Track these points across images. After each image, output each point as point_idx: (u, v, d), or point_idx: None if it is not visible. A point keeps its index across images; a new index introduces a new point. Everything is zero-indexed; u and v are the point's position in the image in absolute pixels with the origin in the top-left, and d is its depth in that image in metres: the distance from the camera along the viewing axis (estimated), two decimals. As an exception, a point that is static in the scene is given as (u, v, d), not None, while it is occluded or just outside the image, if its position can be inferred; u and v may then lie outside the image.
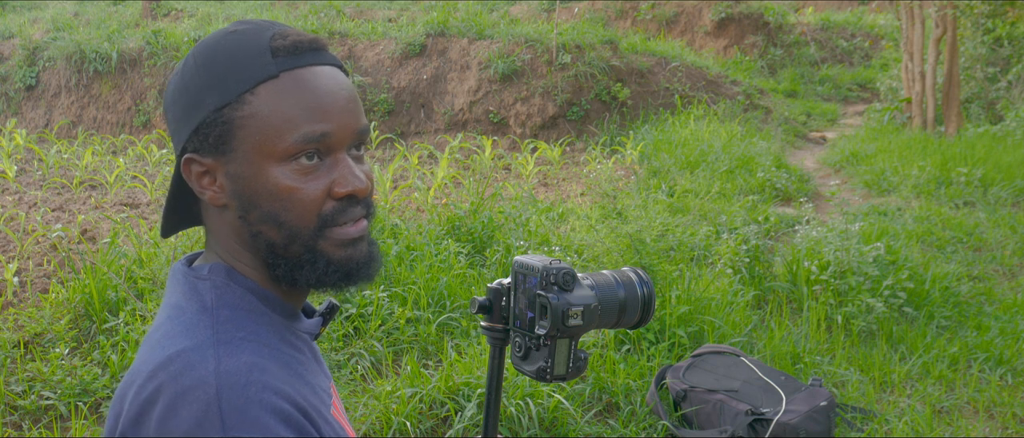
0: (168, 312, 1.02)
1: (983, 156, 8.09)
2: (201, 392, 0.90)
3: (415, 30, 11.23)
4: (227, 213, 1.04)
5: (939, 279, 4.99)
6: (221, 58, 1.00)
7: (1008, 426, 3.79)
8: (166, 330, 0.99)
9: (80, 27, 13.05)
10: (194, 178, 1.03)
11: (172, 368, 0.93)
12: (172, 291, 1.06)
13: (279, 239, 1.02)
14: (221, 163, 1.01)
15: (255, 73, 0.99)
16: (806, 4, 16.73)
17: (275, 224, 1.01)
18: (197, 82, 1.01)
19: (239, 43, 1.01)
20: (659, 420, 3.48)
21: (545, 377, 1.27)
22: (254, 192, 1.00)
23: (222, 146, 1.00)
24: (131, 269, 4.67)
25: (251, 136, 0.99)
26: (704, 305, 4.26)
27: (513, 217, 5.59)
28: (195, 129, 1.00)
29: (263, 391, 0.91)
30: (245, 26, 1.03)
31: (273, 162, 0.99)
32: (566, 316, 1.22)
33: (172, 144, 1.06)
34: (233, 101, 0.99)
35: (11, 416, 3.57)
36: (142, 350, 1.00)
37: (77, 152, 9.54)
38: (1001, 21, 10.74)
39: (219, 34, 1.03)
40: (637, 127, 9.86)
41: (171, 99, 1.04)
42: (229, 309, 1.00)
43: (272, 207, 1.00)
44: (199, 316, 0.99)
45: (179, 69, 1.04)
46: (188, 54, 1.04)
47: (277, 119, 0.98)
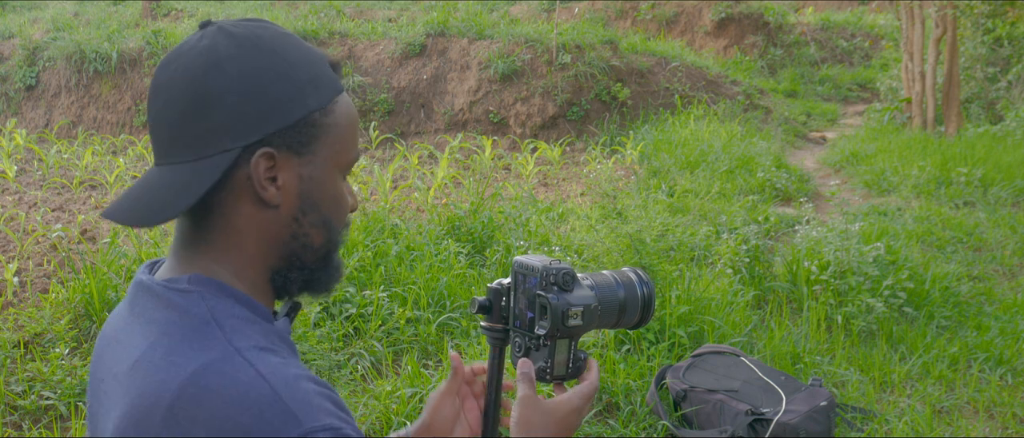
0: (158, 328, 0.96)
1: (983, 156, 8.09)
2: (257, 395, 0.89)
3: (415, 30, 11.23)
4: (271, 213, 1.00)
5: (939, 279, 4.99)
6: (309, 61, 1.00)
7: (1008, 426, 3.79)
8: (166, 349, 0.94)
9: (80, 27, 13.06)
10: (261, 172, 0.98)
11: (207, 382, 0.89)
12: (152, 306, 0.99)
13: (320, 243, 1.05)
14: (295, 163, 1.00)
15: (335, 84, 1.03)
16: (806, 4, 16.74)
17: (326, 228, 1.05)
18: (292, 80, 0.98)
19: (310, 50, 1.02)
20: (659, 420, 3.48)
21: (545, 377, 1.27)
22: (320, 197, 1.03)
23: (306, 147, 1.00)
24: (131, 269, 4.67)
25: (330, 143, 1.02)
26: (704, 305, 4.26)
27: (513, 217, 5.59)
28: (288, 126, 0.98)
29: (310, 382, 0.93)
30: (288, 32, 1.03)
31: (339, 171, 1.05)
32: (566, 316, 1.22)
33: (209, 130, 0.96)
34: (325, 107, 1.01)
35: (11, 416, 3.57)
36: (140, 377, 0.94)
37: (77, 152, 9.54)
38: (1001, 21, 10.74)
39: (279, 33, 1.01)
40: (637, 127, 9.87)
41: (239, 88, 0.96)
42: (230, 319, 0.98)
43: (330, 212, 1.05)
44: (204, 327, 0.95)
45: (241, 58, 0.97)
46: (236, 41, 0.97)
47: (345, 132, 1.04)
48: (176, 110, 0.97)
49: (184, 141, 0.97)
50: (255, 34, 0.99)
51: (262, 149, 0.97)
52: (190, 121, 0.96)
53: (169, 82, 0.98)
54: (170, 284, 0.99)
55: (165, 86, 0.98)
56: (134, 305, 1.02)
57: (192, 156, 0.96)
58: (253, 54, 0.97)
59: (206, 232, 1.01)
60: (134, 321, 1.01)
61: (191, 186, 0.96)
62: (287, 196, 1.00)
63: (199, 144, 0.96)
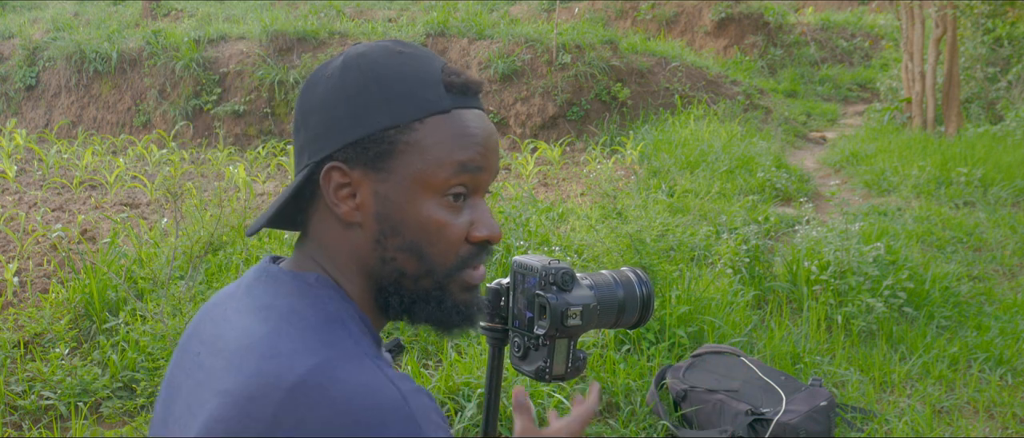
0: (280, 314, 0.97)
1: (983, 156, 8.09)
2: (385, 396, 0.89)
3: (415, 30, 11.23)
4: (356, 232, 1.01)
5: (939, 279, 4.99)
6: (396, 79, 1.00)
7: (1008, 426, 3.79)
8: (291, 336, 0.93)
9: (80, 27, 13.05)
10: (333, 189, 1.00)
11: (335, 373, 0.89)
12: (274, 292, 1.00)
13: (413, 270, 1.01)
14: (371, 180, 0.99)
15: (428, 104, 1.00)
16: (806, 4, 16.74)
17: (415, 255, 1.01)
18: (364, 97, 0.99)
19: (414, 69, 1.01)
20: (659, 420, 3.48)
21: (544, 377, 1.27)
22: (401, 219, 1.00)
23: (378, 164, 0.99)
24: (131, 269, 4.67)
25: (412, 162, 0.99)
26: (704, 305, 4.26)
27: (513, 217, 5.59)
28: (355, 141, 0.99)
29: (427, 397, 0.93)
30: (414, 51, 1.04)
31: (427, 193, 1.00)
32: (565, 316, 1.22)
33: (302, 148, 1.02)
34: (403, 125, 0.99)
35: (11, 416, 3.57)
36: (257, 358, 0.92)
37: (77, 152, 9.54)
38: (1001, 21, 10.74)
39: (387, 51, 1.02)
40: (637, 127, 9.86)
41: (321, 102, 1.01)
42: (354, 322, 0.98)
43: (417, 237, 1.00)
44: (331, 325, 0.96)
45: (334, 75, 1.01)
46: (344, 60, 1.02)
47: (440, 151, 0.99)
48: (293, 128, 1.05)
49: (295, 155, 1.04)
50: (361, 53, 1.02)
51: (329, 163, 0.99)
52: (294, 137, 1.03)
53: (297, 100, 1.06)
54: (298, 276, 1.01)
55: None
56: (253, 289, 1.03)
57: (296, 170, 1.03)
58: (348, 71, 1.00)
59: (309, 246, 1.04)
60: (250, 303, 1.01)
61: (280, 197, 1.02)
62: (366, 215, 1.00)
63: (297, 158, 1.03)
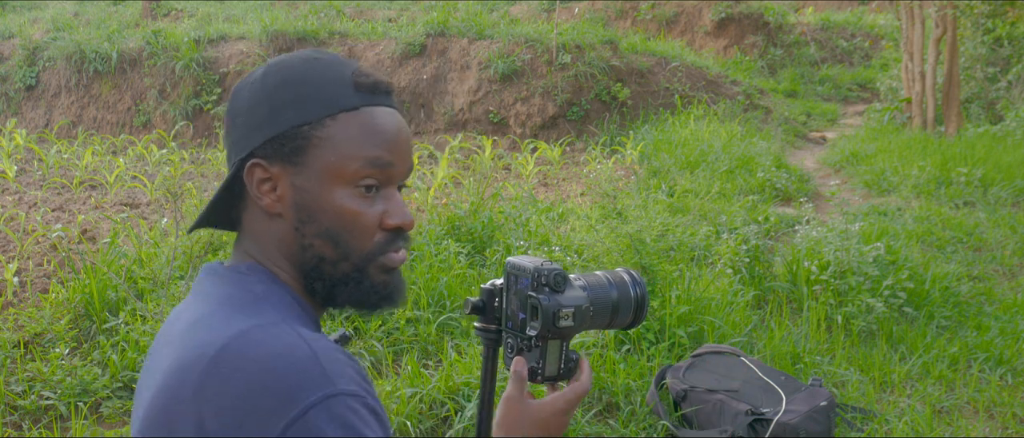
0: (217, 300, 1.07)
1: (983, 156, 8.09)
2: (299, 354, 0.97)
3: (415, 30, 11.23)
4: (278, 222, 1.10)
5: (939, 279, 4.99)
6: (308, 81, 1.09)
7: (1008, 426, 3.79)
8: (222, 315, 1.03)
9: (80, 27, 13.05)
10: (255, 183, 1.09)
11: (252, 337, 0.98)
12: (213, 284, 1.10)
13: (331, 255, 1.10)
14: (288, 173, 1.08)
15: (338, 101, 1.09)
16: (806, 4, 16.73)
17: (331, 241, 1.09)
18: (280, 97, 1.09)
19: (325, 71, 1.10)
20: (659, 420, 3.48)
21: (536, 378, 1.26)
22: (317, 207, 1.08)
23: (294, 158, 1.08)
24: (131, 269, 4.67)
25: (324, 156, 1.08)
26: (704, 305, 4.26)
27: (513, 217, 5.59)
28: (271, 138, 1.08)
29: (343, 356, 1.01)
30: (327, 57, 1.13)
31: (339, 184, 1.08)
32: (557, 317, 1.22)
33: (230, 149, 1.12)
34: (313, 121, 1.08)
35: (11, 416, 3.57)
36: (191, 335, 1.03)
37: (77, 152, 9.54)
38: (1001, 21, 10.74)
39: (302, 57, 1.12)
40: (637, 127, 9.86)
41: (244, 106, 1.10)
42: (281, 300, 1.08)
43: (332, 225, 1.09)
44: (258, 302, 1.05)
45: (256, 80, 1.11)
46: (266, 68, 1.12)
47: (351, 146, 1.08)
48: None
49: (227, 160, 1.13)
50: (285, 59, 1.12)
51: (252, 160, 1.08)
52: (224, 143, 1.13)
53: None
54: (234, 269, 1.11)
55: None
56: (197, 288, 1.13)
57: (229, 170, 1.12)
58: (268, 76, 1.11)
59: (243, 240, 1.14)
60: (194, 299, 1.11)
61: (211, 199, 1.12)
62: (285, 206, 1.09)
63: (227, 159, 1.12)
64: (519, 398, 1.23)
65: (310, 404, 0.93)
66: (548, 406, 1.23)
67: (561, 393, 1.25)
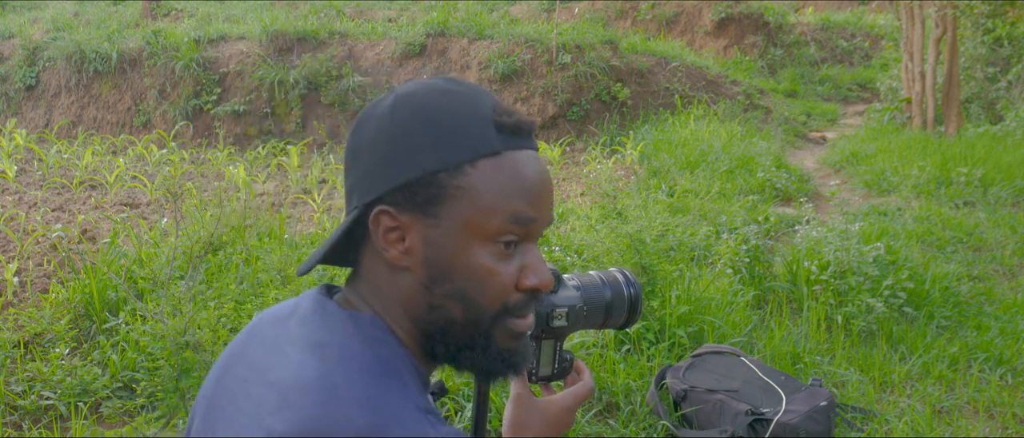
0: (339, 353, 0.94)
1: (983, 156, 8.08)
2: None
3: (415, 30, 11.23)
4: (404, 276, 0.99)
5: (939, 279, 4.99)
6: (445, 120, 0.96)
7: (1008, 426, 3.79)
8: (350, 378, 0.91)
9: (80, 27, 13.05)
10: (382, 232, 0.97)
11: (394, 433, 0.87)
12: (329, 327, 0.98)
13: (461, 317, 0.99)
14: (420, 224, 0.97)
15: (479, 146, 0.96)
16: (806, 4, 16.73)
17: (462, 302, 0.98)
18: (415, 138, 0.96)
19: (462, 108, 0.97)
20: (659, 420, 3.48)
21: (530, 378, 1.26)
22: (451, 265, 0.97)
23: (428, 208, 0.96)
24: (131, 269, 4.66)
25: (463, 209, 0.96)
26: (704, 305, 4.26)
27: (513, 217, 5.58)
28: (403, 185, 0.96)
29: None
30: (462, 89, 1.00)
31: (478, 240, 0.97)
32: (550, 317, 1.22)
33: (352, 188, 1.00)
34: (452, 168, 0.95)
35: (11, 416, 3.57)
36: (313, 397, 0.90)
37: (77, 152, 9.54)
38: (1001, 21, 10.74)
39: (437, 89, 0.99)
40: (637, 127, 9.86)
41: (370, 143, 0.98)
42: (408, 370, 0.97)
43: (466, 284, 0.97)
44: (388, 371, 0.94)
45: (384, 112, 0.98)
46: (394, 98, 0.99)
47: (492, 197, 0.96)
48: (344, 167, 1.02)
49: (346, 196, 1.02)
50: (411, 92, 0.99)
51: (378, 207, 0.97)
52: (344, 177, 1.01)
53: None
54: (354, 316, 0.99)
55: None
56: (307, 322, 0.99)
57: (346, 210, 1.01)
58: (396, 113, 0.97)
59: (359, 286, 1.02)
60: (304, 336, 0.98)
61: (330, 238, 1.00)
62: (414, 259, 0.98)
63: (346, 200, 1.01)
64: (528, 396, 1.22)
65: None
66: (556, 404, 1.23)
67: (569, 391, 1.25)
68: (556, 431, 1.22)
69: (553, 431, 1.22)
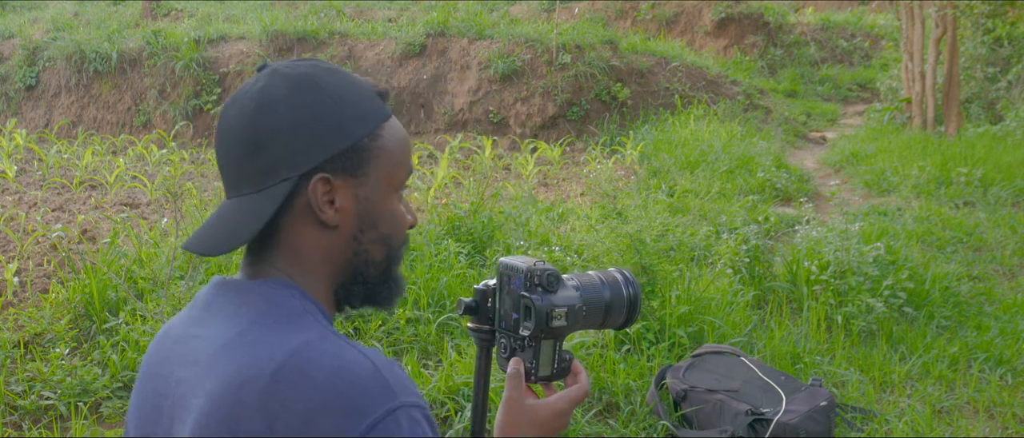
0: (250, 317, 1.04)
1: (983, 156, 8.08)
2: (361, 368, 0.98)
3: (415, 30, 11.23)
4: (330, 234, 1.10)
5: (939, 279, 4.99)
6: (354, 93, 1.11)
7: (1008, 426, 3.79)
8: (264, 331, 1.02)
9: (80, 27, 13.05)
10: (321, 197, 1.08)
11: (311, 354, 0.98)
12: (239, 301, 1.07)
13: (380, 257, 1.14)
14: (350, 185, 1.09)
15: (380, 113, 1.12)
16: (806, 4, 16.73)
17: (384, 243, 1.14)
18: (341, 112, 1.08)
19: (358, 83, 1.12)
20: (659, 420, 3.48)
21: (530, 378, 1.26)
22: (378, 214, 1.13)
23: (359, 170, 1.09)
24: (131, 269, 4.66)
25: (383, 166, 1.11)
26: (704, 305, 4.26)
27: (513, 217, 5.59)
28: (339, 152, 1.08)
29: (400, 369, 1.02)
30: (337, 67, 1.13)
31: (392, 190, 1.14)
32: (550, 317, 1.22)
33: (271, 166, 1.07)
34: (373, 133, 1.10)
35: (11, 416, 3.57)
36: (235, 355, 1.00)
37: (77, 152, 9.54)
38: (1001, 21, 10.74)
39: (328, 70, 1.11)
40: (637, 127, 9.86)
41: (290, 123, 1.07)
42: (318, 313, 1.07)
43: (388, 229, 1.14)
44: (301, 314, 1.05)
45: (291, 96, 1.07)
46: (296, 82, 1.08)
47: (397, 154, 1.13)
48: (238, 150, 1.08)
49: (247, 176, 1.08)
50: (304, 73, 1.10)
51: (318, 175, 1.07)
52: (250, 158, 1.07)
53: (229, 125, 1.10)
54: (260, 282, 1.09)
55: (227, 129, 1.10)
56: (211, 304, 1.10)
57: (255, 188, 1.07)
58: (302, 92, 1.08)
59: (274, 255, 1.10)
60: (212, 316, 1.08)
61: (256, 214, 1.07)
62: (346, 216, 1.10)
63: (261, 177, 1.07)
64: (519, 400, 1.23)
65: (377, 418, 0.96)
66: (548, 407, 1.24)
67: (562, 394, 1.25)
68: (546, 433, 1.23)
69: (543, 433, 1.23)
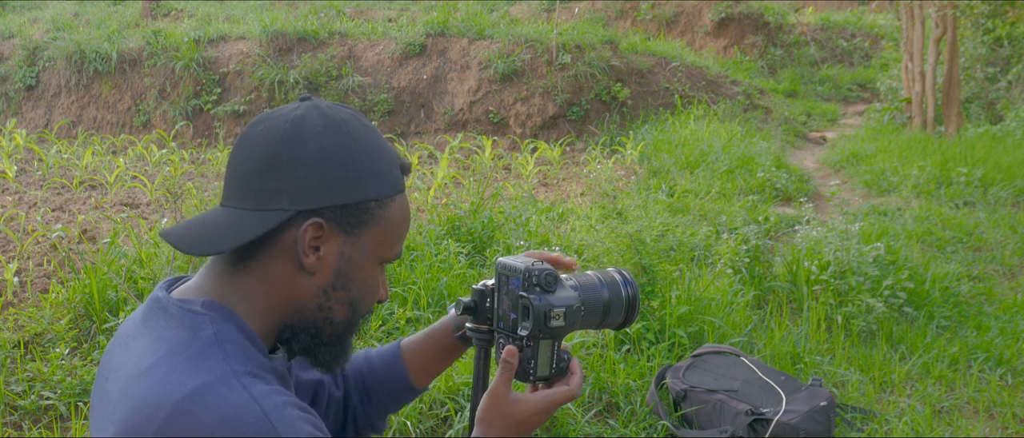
0: (166, 348, 1.04)
1: (983, 156, 8.08)
2: (248, 415, 0.98)
3: (415, 30, 11.23)
4: (304, 278, 1.10)
5: (939, 279, 4.99)
6: (381, 155, 1.11)
7: (1008, 426, 3.79)
8: (171, 365, 1.02)
9: (80, 27, 13.05)
10: (307, 240, 1.07)
11: (204, 400, 0.98)
12: (165, 325, 1.07)
13: (343, 319, 1.14)
14: (340, 241, 1.09)
15: (396, 183, 1.13)
16: (806, 4, 16.73)
17: (351, 309, 1.14)
18: (359, 166, 1.08)
19: (387, 147, 1.13)
20: (659, 420, 3.48)
21: (528, 378, 1.26)
22: (354, 278, 1.12)
23: (355, 229, 1.09)
24: (131, 269, 4.66)
25: (378, 234, 1.11)
26: (704, 305, 4.26)
27: (513, 217, 5.59)
28: (344, 205, 1.07)
29: (295, 408, 1.03)
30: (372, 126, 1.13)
31: (377, 260, 1.13)
32: (548, 317, 1.22)
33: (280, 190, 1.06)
34: (383, 199, 1.10)
35: (11, 416, 3.57)
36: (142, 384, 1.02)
37: (77, 152, 9.54)
38: (1001, 21, 10.74)
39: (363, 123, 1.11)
40: (637, 127, 9.86)
41: (315, 158, 1.06)
42: (231, 343, 1.06)
43: (358, 294, 1.13)
44: (208, 350, 1.03)
45: (321, 133, 1.07)
46: (329, 123, 1.08)
47: (396, 230, 1.13)
48: (253, 164, 1.08)
49: (251, 192, 1.08)
50: (342, 119, 1.10)
51: (315, 218, 1.07)
52: (261, 177, 1.07)
53: (255, 138, 1.09)
54: (184, 304, 1.08)
55: (251, 141, 1.09)
56: (148, 318, 1.11)
57: (253, 206, 1.07)
58: (334, 134, 1.08)
59: (242, 273, 1.10)
60: (146, 333, 1.09)
61: (243, 230, 1.07)
62: (324, 267, 1.10)
63: (262, 198, 1.07)
64: (503, 394, 1.23)
65: None
66: (528, 406, 1.23)
67: (546, 393, 1.25)
68: (522, 431, 1.23)
69: (519, 431, 1.23)
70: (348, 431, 1.43)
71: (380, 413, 1.44)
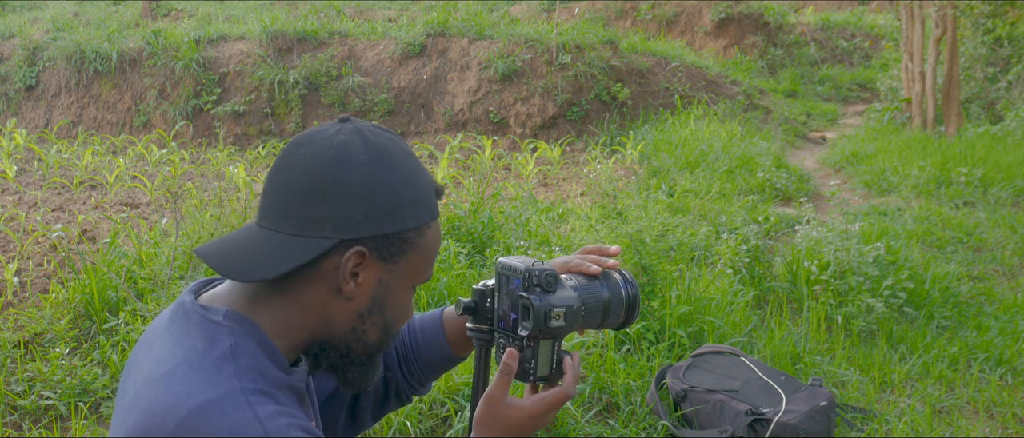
0: (184, 354, 1.06)
1: (983, 156, 8.08)
2: (250, 436, 0.99)
3: (415, 30, 11.23)
4: (340, 302, 1.11)
5: (939, 279, 4.99)
6: (421, 183, 1.13)
7: (1008, 426, 3.79)
8: (184, 375, 1.03)
9: (80, 27, 13.05)
10: (349, 267, 1.09)
11: (209, 417, 0.99)
12: (184, 330, 1.08)
13: (376, 341, 1.16)
14: (378, 269, 1.11)
15: (433, 210, 1.15)
16: (806, 4, 16.73)
17: (385, 332, 1.16)
18: (401, 197, 1.10)
19: (425, 174, 1.15)
20: (659, 420, 3.48)
21: (528, 378, 1.26)
22: (389, 303, 1.14)
23: (393, 257, 1.11)
24: (131, 269, 4.66)
25: (413, 261, 1.13)
26: (704, 305, 4.26)
27: (513, 217, 5.59)
28: (385, 235, 1.09)
29: (299, 430, 1.03)
30: (411, 151, 1.14)
31: (411, 285, 1.15)
32: (548, 317, 1.22)
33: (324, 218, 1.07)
34: (421, 228, 1.12)
35: (11, 416, 3.57)
36: (155, 390, 1.03)
37: (77, 152, 9.54)
38: (1001, 21, 10.74)
39: (404, 151, 1.12)
40: (637, 127, 9.86)
41: (359, 188, 1.07)
42: (246, 358, 1.06)
43: (393, 318, 1.16)
44: (221, 363, 1.04)
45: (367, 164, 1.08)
46: (367, 149, 1.08)
47: (429, 255, 1.15)
48: (297, 188, 1.08)
49: (292, 217, 1.08)
50: (385, 147, 1.11)
51: (356, 248, 1.08)
52: (303, 203, 1.08)
53: (298, 161, 1.09)
54: (206, 313, 1.09)
55: (293, 164, 1.09)
56: (172, 321, 1.12)
57: (294, 231, 1.08)
58: (378, 165, 1.09)
59: (276, 292, 1.11)
60: (167, 337, 1.10)
61: (285, 257, 1.07)
62: (362, 293, 1.12)
63: (304, 224, 1.08)
64: (499, 398, 1.23)
65: None
66: (525, 410, 1.24)
67: (540, 397, 1.25)
68: (518, 433, 1.23)
69: (515, 434, 1.23)
70: (390, 403, 1.46)
71: (423, 382, 1.47)
